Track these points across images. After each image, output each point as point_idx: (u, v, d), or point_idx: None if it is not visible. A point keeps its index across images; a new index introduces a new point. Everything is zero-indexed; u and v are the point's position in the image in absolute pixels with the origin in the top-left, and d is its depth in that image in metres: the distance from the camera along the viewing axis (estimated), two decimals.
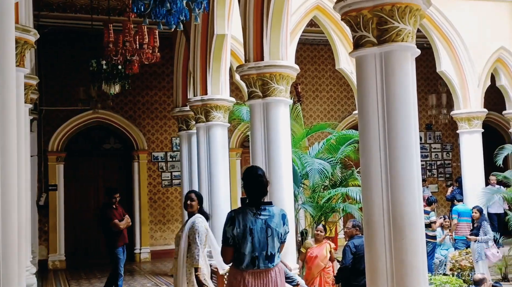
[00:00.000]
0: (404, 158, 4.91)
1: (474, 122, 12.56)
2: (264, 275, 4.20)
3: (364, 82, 5.13)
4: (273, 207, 4.38)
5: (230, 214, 4.30)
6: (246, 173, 4.40)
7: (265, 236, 4.19)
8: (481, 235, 9.58)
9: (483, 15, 12.40)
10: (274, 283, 4.23)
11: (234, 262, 4.29)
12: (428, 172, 16.42)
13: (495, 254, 9.56)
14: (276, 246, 4.27)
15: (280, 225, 4.31)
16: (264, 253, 4.19)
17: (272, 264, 4.24)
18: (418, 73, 16.54)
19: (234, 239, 4.19)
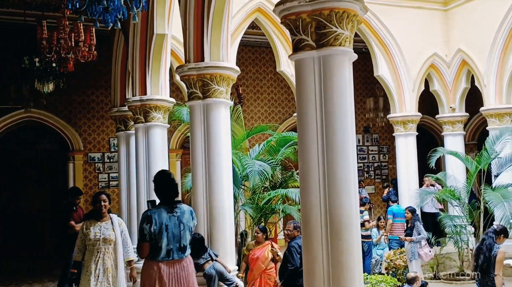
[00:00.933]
0: (341, 161, 4.98)
1: (409, 125, 13.01)
2: (178, 264, 4.81)
3: (303, 85, 5.17)
4: (183, 205, 5.00)
5: (146, 214, 4.82)
6: (158, 177, 4.98)
7: (179, 231, 4.82)
8: (414, 235, 9.89)
9: (417, 22, 12.86)
10: (186, 270, 4.86)
11: (150, 255, 4.82)
12: (365, 173, 16.83)
13: (427, 253, 9.89)
14: (187, 238, 4.91)
15: (190, 220, 4.96)
16: (177, 245, 4.82)
17: (185, 254, 4.88)
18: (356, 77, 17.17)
19: (151, 235, 4.73)
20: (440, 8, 13.15)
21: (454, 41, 13.04)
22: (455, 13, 13.01)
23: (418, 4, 12.90)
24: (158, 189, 4.96)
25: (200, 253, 6.82)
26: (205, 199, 6.91)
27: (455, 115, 13.47)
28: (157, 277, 4.74)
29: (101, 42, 9.50)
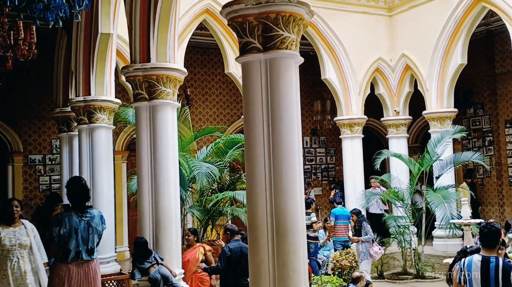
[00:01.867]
0: (287, 163, 5.02)
1: (355, 128, 13.27)
2: (86, 265, 5.12)
3: (250, 87, 5.18)
4: (93, 209, 5.31)
5: (57, 217, 5.15)
6: (70, 182, 5.25)
7: (87, 234, 5.12)
8: (363, 235, 10.07)
9: (363, 27, 13.15)
10: (94, 271, 5.17)
11: (60, 257, 5.09)
12: (313, 175, 17.03)
13: (377, 251, 10.09)
14: (95, 241, 5.22)
15: (99, 224, 5.26)
16: (86, 247, 5.12)
17: (92, 257, 5.21)
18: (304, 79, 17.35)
19: (60, 238, 5.01)
20: (385, 14, 13.49)
21: (398, 46, 13.40)
22: (399, 19, 13.38)
23: (364, 10, 13.19)
24: (69, 194, 5.22)
25: (144, 257, 6.70)
26: (150, 202, 6.81)
27: (399, 118, 13.83)
28: (66, 277, 5.01)
29: (42, 41, 9.17)
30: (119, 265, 9.34)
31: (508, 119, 15.04)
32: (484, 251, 4.96)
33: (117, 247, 12.35)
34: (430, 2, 12.53)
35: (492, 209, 15.42)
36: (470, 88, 15.75)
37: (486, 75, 15.43)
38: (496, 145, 15.37)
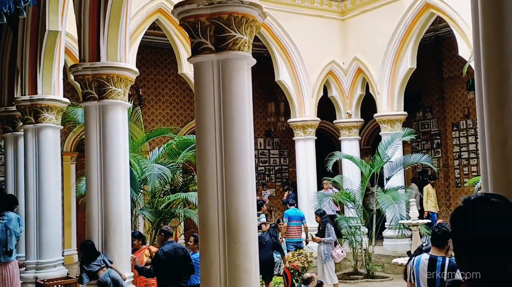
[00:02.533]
0: (239, 164, 5.01)
1: (308, 130, 13.38)
2: (4, 267, 5.42)
3: (202, 88, 5.14)
4: (10, 213, 5.59)
5: None
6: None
7: (5, 236, 5.41)
8: (326, 236, 10.15)
9: (317, 30, 13.29)
10: (11, 272, 5.47)
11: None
12: (266, 177, 17.10)
13: (339, 254, 10.18)
14: (14, 243, 5.48)
15: (17, 226, 5.54)
16: (4, 249, 5.38)
17: (11, 258, 5.40)
18: (259, 81, 17.28)
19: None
20: (338, 18, 13.68)
21: (350, 50, 13.62)
22: (352, 23, 13.60)
23: (317, 13, 13.33)
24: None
25: (92, 260, 6.54)
26: (100, 204, 6.65)
27: (351, 121, 14.05)
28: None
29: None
30: (67, 269, 9.08)
31: (454, 123, 15.54)
32: (433, 250, 5.10)
33: (65, 250, 12.03)
34: (381, 7, 12.80)
35: (440, 209, 15.87)
36: (420, 92, 16.20)
37: (435, 80, 15.90)
38: (443, 148, 15.85)
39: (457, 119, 15.42)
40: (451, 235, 1.77)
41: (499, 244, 1.65)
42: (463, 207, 1.75)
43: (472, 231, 1.68)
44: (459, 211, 1.77)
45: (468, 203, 1.74)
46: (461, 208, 1.76)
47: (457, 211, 1.77)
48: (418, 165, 14.48)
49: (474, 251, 1.67)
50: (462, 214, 1.74)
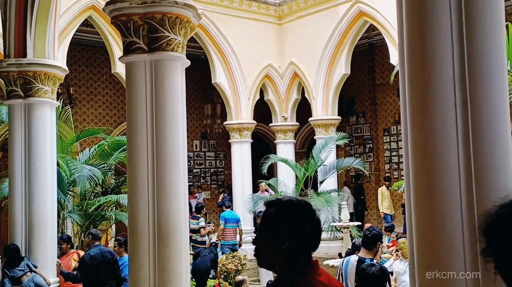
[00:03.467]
0: (171, 167, 4.95)
1: (244, 132, 13.42)
2: None
3: (134, 88, 5.06)
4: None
5: None
6: None
7: None
8: None
9: (254, 33, 13.36)
10: None
11: None
12: (202, 179, 17.00)
13: None
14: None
15: None
16: None
17: None
18: (195, 83, 17.13)
19: None
20: (275, 22, 13.81)
21: (287, 54, 13.78)
22: (288, 28, 13.77)
23: (255, 16, 13.41)
24: None
25: (15, 264, 6.26)
26: (23, 206, 6.38)
27: (287, 124, 14.21)
28: None
29: None
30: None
31: (386, 128, 16.05)
32: (362, 252, 5.24)
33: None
34: (317, 13, 13.03)
35: (371, 212, 16.34)
36: (353, 98, 16.63)
37: (368, 86, 16.37)
38: (375, 152, 16.33)
39: (388, 125, 15.93)
40: (487, 248, 1.36)
41: None
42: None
43: None
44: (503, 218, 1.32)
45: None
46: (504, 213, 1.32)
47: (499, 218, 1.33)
48: (351, 168, 14.85)
49: None
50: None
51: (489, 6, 3.09)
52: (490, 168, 3.05)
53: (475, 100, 3.05)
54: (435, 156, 3.12)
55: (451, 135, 3.08)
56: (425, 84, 3.15)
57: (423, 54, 3.14)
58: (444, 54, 3.08)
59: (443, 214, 3.06)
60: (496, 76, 3.11)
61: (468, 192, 3.02)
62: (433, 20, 3.10)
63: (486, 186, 3.02)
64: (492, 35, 3.10)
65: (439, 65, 3.10)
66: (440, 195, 3.08)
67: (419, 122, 3.20)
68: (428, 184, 3.13)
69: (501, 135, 3.11)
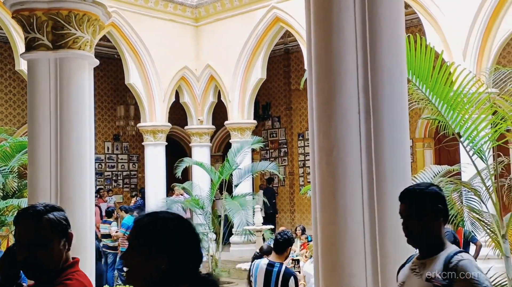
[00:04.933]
0: (76, 169, 4.77)
1: (158, 135, 13.19)
2: None
3: (36, 87, 4.81)
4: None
5: None
6: None
7: None
8: None
9: (170, 35, 13.17)
10: None
11: None
12: (114, 182, 16.51)
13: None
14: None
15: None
16: None
17: None
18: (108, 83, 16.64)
19: None
20: (191, 24, 13.70)
21: (204, 57, 13.71)
22: (205, 30, 13.71)
23: (171, 17, 13.22)
24: None
25: None
26: None
27: (202, 127, 14.13)
28: None
29: None
30: None
31: (300, 132, 16.39)
32: (273, 256, 5.30)
33: None
34: (234, 17, 13.08)
35: (285, 215, 16.63)
36: (269, 102, 16.86)
37: (283, 90, 16.65)
38: (290, 156, 16.64)
39: (302, 129, 16.28)
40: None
41: None
42: None
43: None
44: None
45: None
46: None
47: None
48: (265, 172, 15.03)
49: None
50: None
51: (391, 20, 3.22)
52: (390, 173, 3.17)
53: (377, 108, 3.16)
54: (339, 162, 3.19)
55: (355, 142, 3.17)
56: (331, 92, 3.23)
57: (329, 64, 3.22)
58: (348, 64, 3.17)
59: (346, 219, 3.14)
60: (396, 85, 3.24)
61: (370, 197, 3.13)
62: (339, 32, 3.19)
63: (387, 191, 3.13)
64: (393, 47, 3.23)
65: (344, 74, 3.19)
66: (343, 200, 3.16)
67: (325, 129, 3.27)
68: (332, 189, 3.21)
69: (400, 141, 3.24)
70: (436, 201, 2.48)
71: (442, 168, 5.47)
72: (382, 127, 3.16)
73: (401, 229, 2.57)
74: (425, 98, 4.55)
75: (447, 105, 4.32)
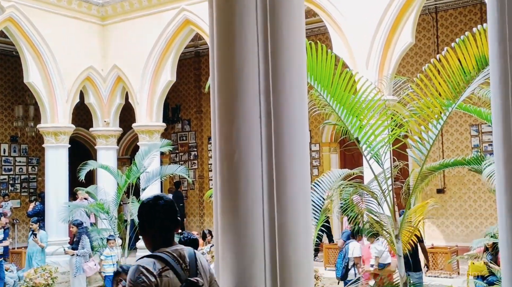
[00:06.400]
0: None
1: (61, 136, 12.63)
2: None
3: None
4: None
5: None
6: None
7: None
8: (80, 248, 9.59)
9: (75, 33, 12.66)
10: None
11: None
12: (11, 186, 15.56)
13: (91, 267, 9.72)
14: None
15: None
16: None
17: None
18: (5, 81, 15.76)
19: None
20: (98, 22, 13.25)
21: (111, 57, 13.31)
22: (112, 30, 13.32)
23: (75, 15, 12.71)
24: None
25: None
26: None
27: (109, 129, 13.71)
28: None
29: None
30: None
31: (210, 136, 16.34)
32: None
33: None
34: (142, 17, 12.81)
35: (194, 219, 16.52)
36: (179, 105, 16.69)
37: (194, 94, 16.56)
38: (200, 159, 16.56)
39: None
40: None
41: None
42: None
43: None
44: None
45: None
46: None
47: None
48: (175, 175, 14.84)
49: None
50: None
51: (292, 25, 3.27)
52: (290, 176, 3.21)
53: (277, 112, 3.19)
54: (241, 165, 3.19)
55: (256, 146, 3.18)
56: (233, 96, 3.22)
57: (231, 68, 3.21)
58: (250, 68, 3.18)
59: (246, 222, 3.13)
60: (297, 89, 3.28)
61: (270, 200, 3.14)
62: (241, 36, 3.19)
63: (287, 194, 3.17)
64: (294, 52, 3.28)
65: (246, 79, 3.19)
66: (244, 203, 3.16)
67: (226, 133, 3.25)
68: (233, 192, 3.19)
69: (300, 145, 3.29)
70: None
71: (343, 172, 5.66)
72: (283, 131, 3.20)
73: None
74: (327, 104, 4.67)
75: (346, 110, 4.46)
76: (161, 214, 2.83)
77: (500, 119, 2.28)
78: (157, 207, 2.84)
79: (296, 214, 2.62)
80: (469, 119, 12.31)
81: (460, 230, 12.81)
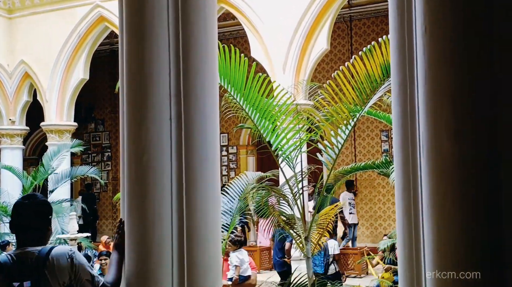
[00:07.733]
0: None
1: None
2: None
3: None
4: None
5: None
6: None
7: None
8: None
9: None
10: None
11: None
12: None
13: None
14: None
15: None
16: None
17: None
18: None
19: None
20: (4, 15, 12.54)
21: (18, 52, 12.64)
22: (20, 23, 12.64)
23: None
24: None
25: None
26: None
27: (14, 128, 13.05)
28: None
29: None
30: None
31: None
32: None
33: None
34: (53, 12, 12.27)
35: (106, 222, 16.05)
36: (93, 104, 16.13)
37: (108, 93, 16.07)
38: (113, 161, 16.11)
39: None
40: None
41: None
42: None
43: None
44: None
45: None
46: None
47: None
48: (86, 177, 14.33)
49: None
50: None
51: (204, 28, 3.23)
52: (200, 179, 3.17)
53: (188, 114, 3.15)
54: (150, 168, 3.11)
55: (166, 148, 3.12)
56: (142, 97, 3.14)
57: (140, 69, 3.12)
58: (161, 70, 3.11)
59: (154, 224, 3.06)
60: (208, 92, 3.26)
61: (179, 203, 3.09)
62: (151, 37, 3.11)
63: (197, 197, 3.13)
64: (206, 54, 3.25)
65: (157, 80, 3.12)
66: (152, 206, 3.09)
67: (135, 135, 3.17)
68: (141, 195, 3.11)
69: (211, 147, 3.26)
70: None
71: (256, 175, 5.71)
72: (193, 134, 3.16)
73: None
74: (241, 107, 4.69)
75: (259, 114, 4.50)
76: (17, 214, 2.83)
77: (399, 125, 2.38)
78: (17, 208, 2.83)
79: (205, 217, 2.59)
80: (380, 124, 12.86)
81: (370, 231, 13.35)
